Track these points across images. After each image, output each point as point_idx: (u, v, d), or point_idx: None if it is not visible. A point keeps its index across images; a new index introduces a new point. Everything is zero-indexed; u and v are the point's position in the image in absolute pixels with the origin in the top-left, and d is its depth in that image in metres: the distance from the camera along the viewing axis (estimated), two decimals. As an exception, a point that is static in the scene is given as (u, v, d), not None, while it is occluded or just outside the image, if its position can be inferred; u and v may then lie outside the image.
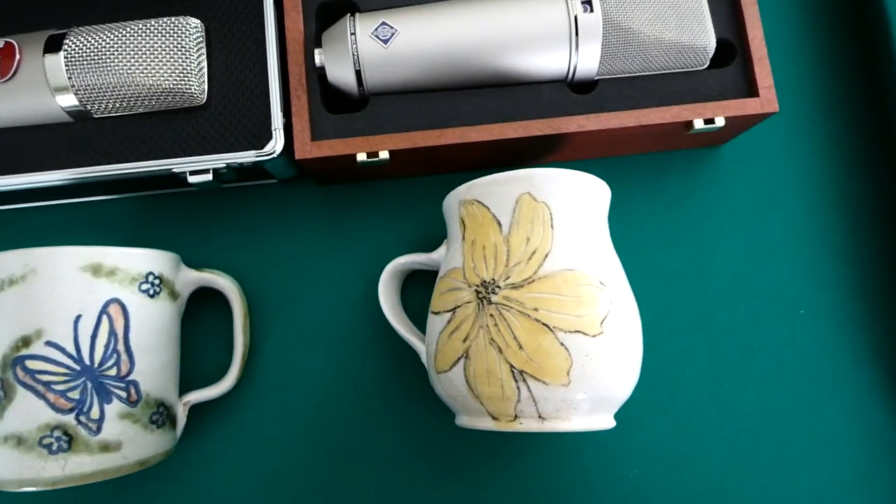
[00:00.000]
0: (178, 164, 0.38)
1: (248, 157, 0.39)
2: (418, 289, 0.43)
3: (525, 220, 0.33)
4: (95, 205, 0.45)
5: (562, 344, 0.30)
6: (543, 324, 0.31)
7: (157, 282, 0.37)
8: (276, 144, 0.39)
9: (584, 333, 0.31)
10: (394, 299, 0.41)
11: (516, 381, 0.31)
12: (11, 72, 0.37)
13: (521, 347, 0.31)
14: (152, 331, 0.37)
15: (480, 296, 0.32)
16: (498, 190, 0.34)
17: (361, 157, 0.38)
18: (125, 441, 0.35)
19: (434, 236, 0.44)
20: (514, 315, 0.31)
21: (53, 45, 0.37)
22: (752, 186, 0.45)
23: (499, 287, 0.32)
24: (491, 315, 0.32)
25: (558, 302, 0.31)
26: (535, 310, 0.31)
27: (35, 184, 0.39)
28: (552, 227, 0.33)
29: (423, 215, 0.44)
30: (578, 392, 0.31)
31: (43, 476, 0.33)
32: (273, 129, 0.39)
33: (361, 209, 0.45)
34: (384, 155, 0.38)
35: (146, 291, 0.37)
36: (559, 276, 0.32)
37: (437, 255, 0.39)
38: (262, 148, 0.39)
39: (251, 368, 0.42)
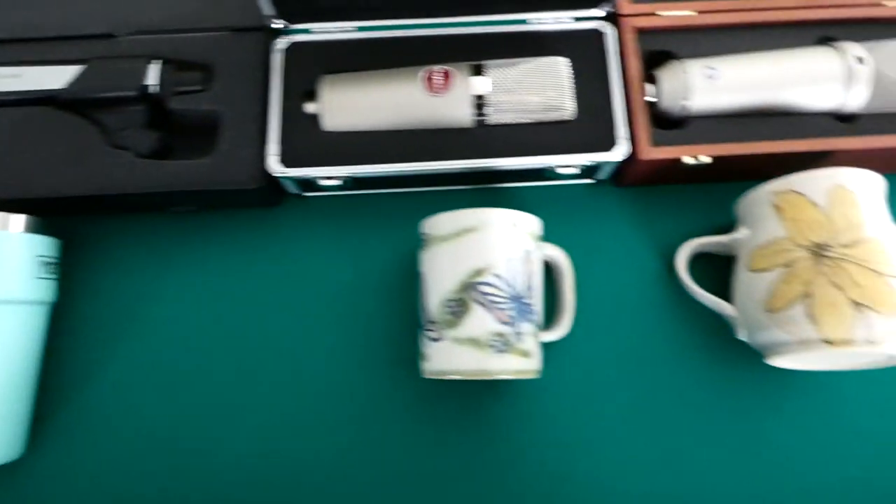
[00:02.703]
0: (551, 161, 0.53)
1: (603, 157, 0.53)
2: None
3: (839, 203, 0.46)
4: (481, 191, 0.59)
5: (890, 285, 0.43)
6: (875, 270, 0.43)
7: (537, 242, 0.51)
8: (624, 149, 0.53)
9: (903, 280, 0.43)
10: (688, 271, 0.54)
11: (856, 311, 0.43)
12: (447, 89, 0.52)
13: (859, 286, 0.43)
14: (538, 276, 0.50)
15: (816, 253, 0.45)
16: (814, 183, 0.47)
17: (688, 159, 0.52)
18: (532, 352, 0.48)
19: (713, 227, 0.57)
20: (850, 264, 0.44)
21: (477, 73, 0.53)
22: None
23: (830, 246, 0.45)
24: (828, 265, 0.44)
25: (882, 255, 0.44)
26: (866, 260, 0.43)
27: (442, 170, 0.53)
28: (860, 207, 0.46)
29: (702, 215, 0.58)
30: (899, 322, 0.42)
31: (488, 368, 0.46)
32: (620, 138, 0.53)
33: (657, 207, 0.58)
34: (705, 159, 0.52)
35: (535, 248, 0.50)
36: (874, 240, 0.44)
37: (741, 234, 0.52)
38: (612, 151, 0.53)
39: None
